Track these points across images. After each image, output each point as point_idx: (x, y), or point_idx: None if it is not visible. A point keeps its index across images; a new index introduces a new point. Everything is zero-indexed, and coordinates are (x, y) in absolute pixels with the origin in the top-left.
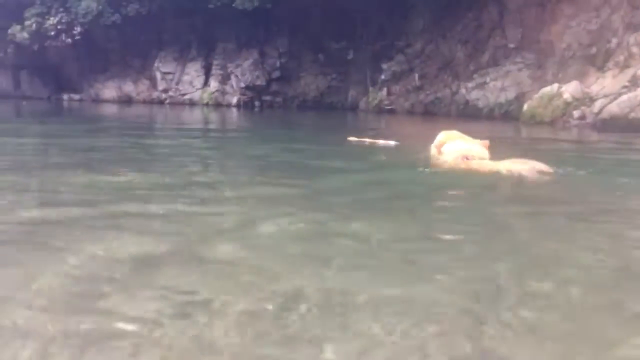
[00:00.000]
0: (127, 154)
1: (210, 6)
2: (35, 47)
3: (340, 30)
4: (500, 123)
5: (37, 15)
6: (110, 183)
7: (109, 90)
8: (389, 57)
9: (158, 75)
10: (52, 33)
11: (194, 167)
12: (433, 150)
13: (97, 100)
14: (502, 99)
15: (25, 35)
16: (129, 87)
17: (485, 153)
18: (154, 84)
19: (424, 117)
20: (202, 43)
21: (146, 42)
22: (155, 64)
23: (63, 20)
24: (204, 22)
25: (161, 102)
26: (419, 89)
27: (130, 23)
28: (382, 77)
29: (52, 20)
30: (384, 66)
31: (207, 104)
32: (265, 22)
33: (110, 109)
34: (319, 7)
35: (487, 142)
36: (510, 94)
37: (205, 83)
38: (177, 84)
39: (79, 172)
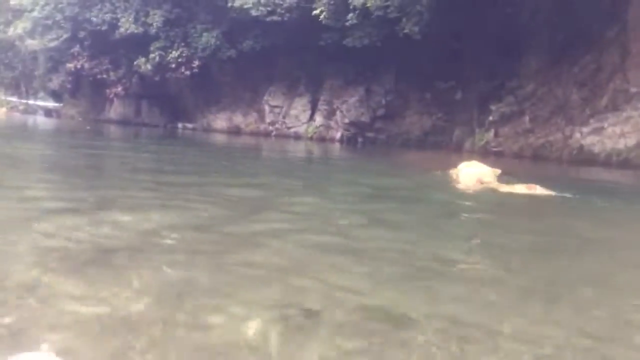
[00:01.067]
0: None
1: (321, 43)
2: (157, 78)
3: (449, 69)
4: (619, 170)
5: (161, 49)
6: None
7: (220, 121)
8: (498, 98)
9: (267, 108)
10: (173, 66)
11: (293, 182)
12: (453, 174)
13: (209, 130)
14: (621, 146)
15: (149, 67)
16: (238, 119)
17: (495, 178)
18: (262, 117)
19: (534, 161)
20: (311, 79)
21: (257, 77)
22: (265, 98)
23: (183, 54)
24: (313, 59)
25: (267, 134)
26: (528, 131)
27: (244, 58)
28: (490, 118)
29: (174, 54)
30: (493, 107)
31: (311, 138)
32: (373, 59)
33: (220, 138)
34: (428, 47)
35: (498, 170)
36: (631, 141)
37: (311, 117)
38: (284, 117)
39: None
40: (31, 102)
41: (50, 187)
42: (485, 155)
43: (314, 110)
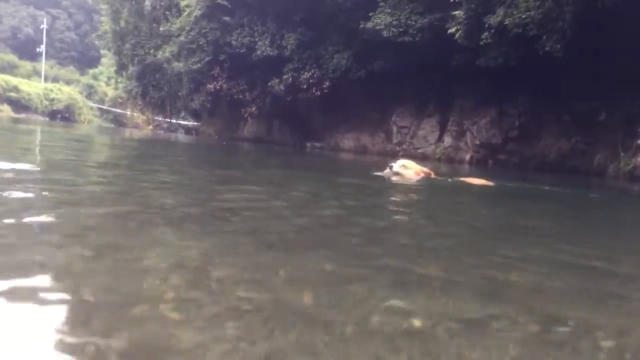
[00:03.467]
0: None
1: (453, 63)
2: (289, 98)
3: (592, 89)
4: None
5: (294, 70)
6: None
7: (347, 141)
8: None
9: (394, 128)
10: (304, 86)
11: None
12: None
13: (336, 149)
14: None
15: (282, 87)
16: (365, 139)
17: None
18: (389, 137)
19: None
20: (440, 99)
21: (386, 97)
22: (393, 118)
23: (315, 75)
24: (443, 79)
25: (394, 155)
26: None
27: (373, 79)
28: (638, 141)
29: (306, 75)
30: None
31: (439, 159)
32: (507, 79)
33: (347, 156)
34: (568, 65)
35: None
36: None
37: (439, 138)
38: (412, 138)
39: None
40: (174, 120)
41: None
42: (632, 180)
43: (442, 131)
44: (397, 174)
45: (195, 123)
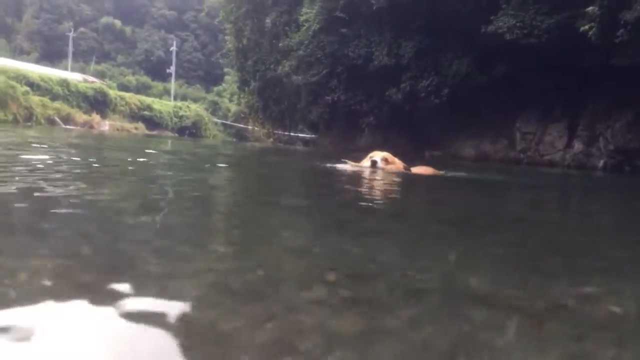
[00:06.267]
0: None
1: (583, 64)
2: (407, 107)
3: None
4: None
5: (411, 78)
6: None
7: (468, 149)
8: None
9: (518, 135)
10: (423, 94)
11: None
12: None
13: (455, 157)
14: None
15: (399, 96)
16: (486, 146)
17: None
18: (512, 144)
19: None
20: (568, 103)
21: (508, 103)
22: (517, 124)
23: (433, 83)
24: (571, 82)
25: (518, 162)
26: None
27: (495, 84)
28: None
29: (424, 83)
30: None
31: (568, 166)
32: None
33: (469, 164)
34: None
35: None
36: None
37: (568, 144)
38: (538, 144)
39: None
40: (292, 133)
41: None
42: None
43: (571, 136)
44: (374, 167)
45: (313, 135)
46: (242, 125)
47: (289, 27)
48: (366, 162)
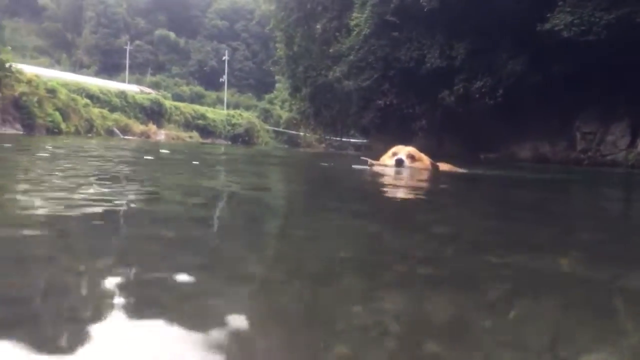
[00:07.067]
0: None
1: None
2: (460, 109)
3: None
4: None
5: (465, 80)
6: None
7: (524, 151)
8: None
9: (578, 135)
10: (477, 96)
11: None
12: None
13: (512, 159)
14: None
15: (452, 99)
16: (545, 147)
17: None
18: (572, 145)
19: None
20: (632, 101)
21: (567, 102)
22: (576, 124)
23: (487, 84)
24: (635, 78)
25: (578, 163)
26: None
27: (552, 83)
28: None
29: (478, 84)
30: None
31: (632, 166)
32: None
33: (527, 165)
34: None
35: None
36: None
37: (632, 144)
38: (599, 144)
39: None
40: (344, 139)
41: None
42: None
43: (635, 135)
44: (399, 167)
45: (364, 140)
46: (293, 132)
47: (340, 33)
48: (389, 160)
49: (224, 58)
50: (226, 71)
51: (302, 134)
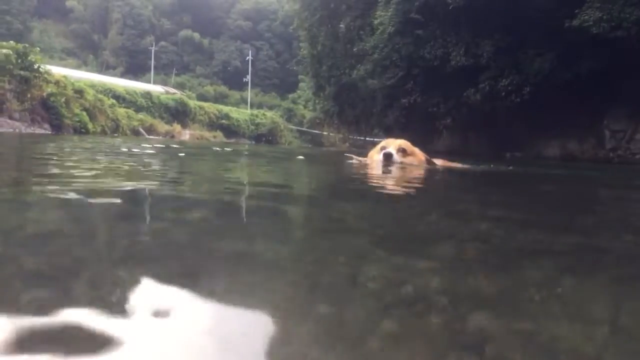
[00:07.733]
0: None
1: None
2: (486, 107)
3: None
4: None
5: (490, 78)
6: None
7: (551, 149)
8: None
9: (607, 133)
10: (503, 94)
11: None
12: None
13: (539, 158)
14: None
15: (478, 97)
16: (572, 146)
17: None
18: (601, 143)
19: None
20: None
21: (595, 100)
22: (605, 122)
23: (514, 82)
24: None
25: (608, 161)
26: None
27: (580, 80)
28: None
29: (504, 82)
30: None
31: None
32: None
33: (557, 164)
34: None
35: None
36: None
37: None
38: (628, 142)
39: None
40: (368, 138)
41: None
42: None
43: None
44: (388, 160)
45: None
46: (317, 132)
47: (363, 31)
48: (377, 156)
49: (247, 58)
50: (250, 71)
51: (325, 133)
